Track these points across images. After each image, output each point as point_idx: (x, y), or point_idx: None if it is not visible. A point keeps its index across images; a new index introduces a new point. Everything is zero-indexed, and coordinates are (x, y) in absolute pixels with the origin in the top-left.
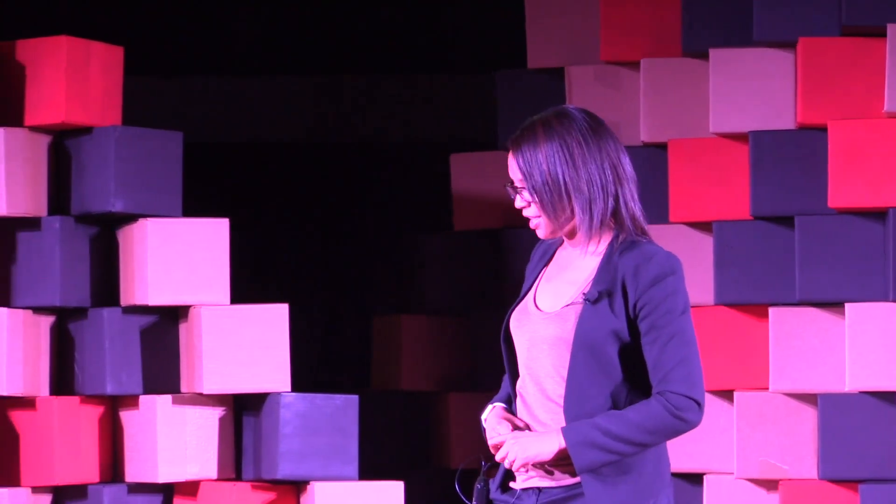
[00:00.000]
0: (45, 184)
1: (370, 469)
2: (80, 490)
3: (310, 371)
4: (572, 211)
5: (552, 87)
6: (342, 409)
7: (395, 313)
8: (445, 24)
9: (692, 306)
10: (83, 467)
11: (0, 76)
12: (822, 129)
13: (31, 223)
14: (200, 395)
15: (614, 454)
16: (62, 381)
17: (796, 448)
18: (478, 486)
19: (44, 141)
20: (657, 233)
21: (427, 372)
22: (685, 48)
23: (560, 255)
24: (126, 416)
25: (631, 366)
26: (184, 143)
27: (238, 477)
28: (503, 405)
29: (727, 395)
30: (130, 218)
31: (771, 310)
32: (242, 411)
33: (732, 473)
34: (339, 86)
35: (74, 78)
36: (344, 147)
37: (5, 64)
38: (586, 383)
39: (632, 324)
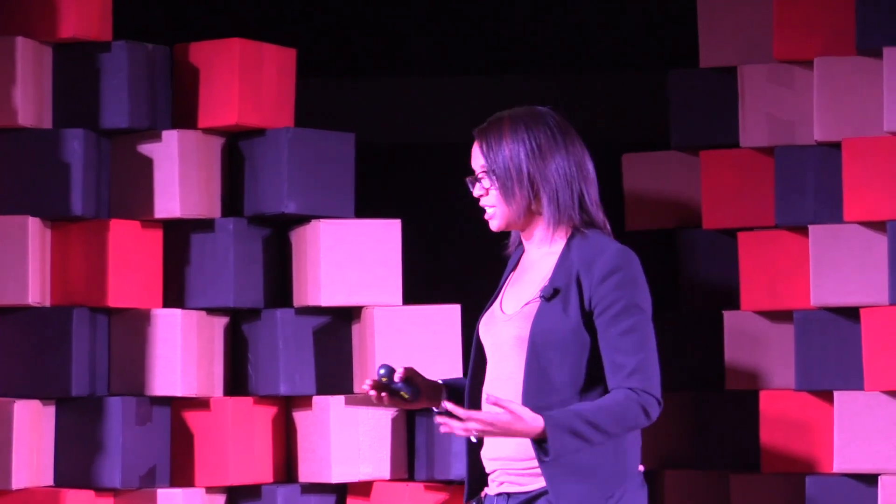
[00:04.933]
0: (218, 185)
1: None
2: (253, 490)
3: None
4: (533, 202)
5: (725, 86)
6: None
7: None
8: (617, 22)
9: (868, 306)
10: (257, 467)
11: (174, 79)
12: None
13: (204, 225)
14: None
15: (585, 442)
16: (236, 381)
17: None
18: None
19: (217, 143)
20: (830, 233)
21: None
22: (859, 46)
23: (524, 259)
24: (299, 416)
25: (589, 360)
26: (356, 144)
27: (411, 477)
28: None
29: None
30: (303, 219)
31: None
32: (415, 411)
33: None
34: (506, 85)
35: (247, 80)
36: None
37: (179, 66)
38: (543, 380)
39: (588, 318)
